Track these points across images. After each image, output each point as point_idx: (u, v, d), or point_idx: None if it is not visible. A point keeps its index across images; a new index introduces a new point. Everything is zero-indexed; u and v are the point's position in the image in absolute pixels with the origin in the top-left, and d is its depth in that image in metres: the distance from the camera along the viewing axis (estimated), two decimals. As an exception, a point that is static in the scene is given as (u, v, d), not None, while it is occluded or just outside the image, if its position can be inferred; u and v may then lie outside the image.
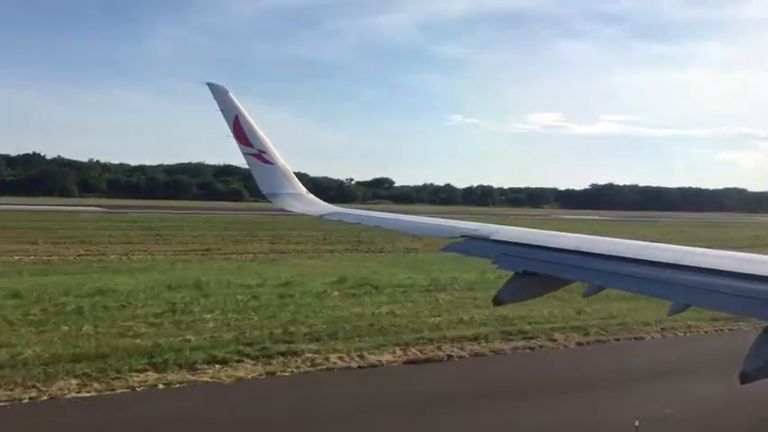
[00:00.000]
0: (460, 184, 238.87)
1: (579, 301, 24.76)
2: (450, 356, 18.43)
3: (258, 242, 51.78)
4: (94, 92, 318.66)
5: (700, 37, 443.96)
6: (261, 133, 11.55)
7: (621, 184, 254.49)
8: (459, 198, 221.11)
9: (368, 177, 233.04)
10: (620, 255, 5.87)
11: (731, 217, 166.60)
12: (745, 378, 4.11)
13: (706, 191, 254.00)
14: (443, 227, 8.75)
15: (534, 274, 6.30)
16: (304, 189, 12.31)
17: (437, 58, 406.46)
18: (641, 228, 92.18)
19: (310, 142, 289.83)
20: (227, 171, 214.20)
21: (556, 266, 6.24)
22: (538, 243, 6.87)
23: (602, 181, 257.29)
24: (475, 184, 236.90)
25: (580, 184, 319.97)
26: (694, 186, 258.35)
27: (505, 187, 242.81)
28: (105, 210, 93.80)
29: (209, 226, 67.02)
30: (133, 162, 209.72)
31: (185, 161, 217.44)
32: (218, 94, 11.25)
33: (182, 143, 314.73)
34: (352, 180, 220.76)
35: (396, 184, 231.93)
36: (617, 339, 21.39)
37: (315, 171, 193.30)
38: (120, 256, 40.25)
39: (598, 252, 6.09)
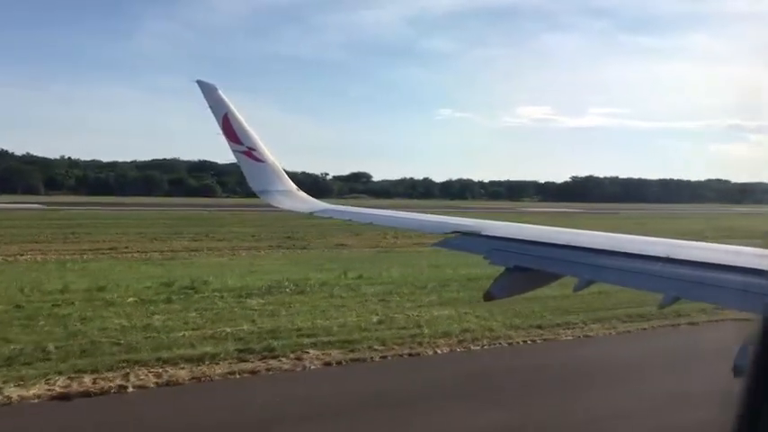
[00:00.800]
0: (443, 178, 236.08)
1: (410, 305, 23.85)
2: (123, 387, 14.48)
3: (178, 239, 48.93)
4: (78, 88, 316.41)
5: (687, 30, 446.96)
6: (251, 131, 11.55)
7: (602, 176, 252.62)
8: (438, 192, 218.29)
9: (346, 172, 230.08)
10: (611, 249, 5.88)
11: (706, 208, 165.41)
12: (738, 371, 3.93)
13: (688, 182, 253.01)
14: (435, 223, 8.82)
15: (525, 269, 6.30)
16: (294, 186, 12.29)
17: (426, 52, 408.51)
18: (597, 220, 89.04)
19: (297, 138, 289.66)
20: (201, 167, 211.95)
21: (546, 261, 6.24)
22: (530, 238, 6.87)
23: (584, 173, 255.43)
24: (454, 178, 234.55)
25: (561, 176, 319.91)
26: (675, 178, 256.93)
27: (486, 181, 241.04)
28: (44, 207, 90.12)
29: (136, 223, 63.67)
30: (111, 159, 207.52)
31: (161, 157, 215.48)
32: (208, 91, 11.22)
33: (166, 140, 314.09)
34: (327, 174, 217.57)
35: (373, 179, 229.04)
36: (386, 357, 17.61)
37: (301, 167, 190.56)
38: (5, 257, 37.28)
39: (589, 246, 6.08)
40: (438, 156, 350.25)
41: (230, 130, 11.40)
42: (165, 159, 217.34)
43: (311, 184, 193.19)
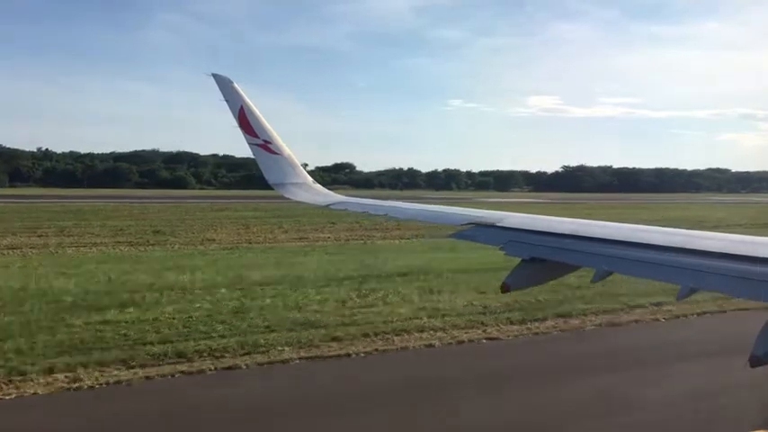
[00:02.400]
0: (438, 168, 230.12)
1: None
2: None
3: (12, 236, 42.49)
4: (84, 79, 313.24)
5: (698, 17, 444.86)
6: (266, 123, 11.36)
7: (594, 165, 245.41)
8: (422, 182, 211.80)
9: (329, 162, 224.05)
10: (627, 239, 5.79)
11: (690, 198, 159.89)
12: (755, 362, 4.04)
13: (683, 172, 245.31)
14: (450, 214, 8.72)
15: (542, 260, 6.16)
16: (310, 179, 12.10)
17: (434, 42, 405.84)
18: (567, 211, 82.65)
19: (307, 129, 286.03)
20: (178, 159, 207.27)
21: (563, 252, 6.10)
22: (545, 229, 6.73)
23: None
24: (440, 168, 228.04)
25: (551, 166, 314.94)
26: (672, 167, 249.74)
27: (475, 171, 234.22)
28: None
29: (31, 217, 57.72)
30: (92, 150, 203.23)
31: (141, 149, 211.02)
32: (223, 84, 11.06)
33: (168, 130, 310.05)
34: (305, 165, 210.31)
35: (357, 169, 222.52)
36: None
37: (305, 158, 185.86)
38: None
39: (606, 237, 6.01)
40: (445, 146, 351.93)
41: (246, 122, 11.24)
42: (144, 151, 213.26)
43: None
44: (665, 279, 5.11)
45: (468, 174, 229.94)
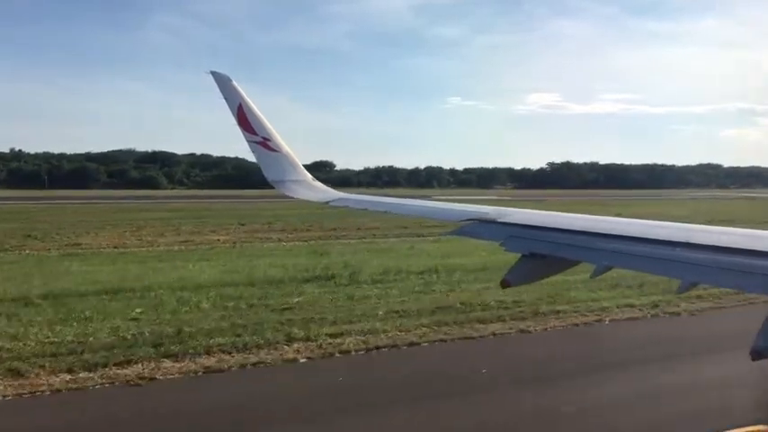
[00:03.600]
0: (415, 166, 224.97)
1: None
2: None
3: None
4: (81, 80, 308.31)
5: (697, 14, 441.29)
6: (265, 121, 11.32)
7: (580, 161, 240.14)
8: (403, 180, 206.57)
9: (309, 161, 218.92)
10: (627, 234, 5.76)
11: (678, 194, 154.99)
12: (756, 355, 4.05)
13: (673, 168, 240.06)
14: (450, 210, 8.62)
15: (542, 255, 6.13)
16: (309, 176, 12.04)
17: (433, 40, 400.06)
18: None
19: (306, 128, 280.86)
20: (152, 158, 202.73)
21: (563, 247, 6.07)
22: (545, 225, 6.70)
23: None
24: (422, 166, 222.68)
25: (536, 163, 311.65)
26: (659, 163, 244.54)
27: (460, 168, 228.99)
28: None
29: None
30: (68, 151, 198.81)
31: (117, 149, 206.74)
32: (222, 82, 11.03)
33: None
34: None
35: (336, 168, 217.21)
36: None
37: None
38: None
39: (605, 232, 5.99)
40: (441, 145, 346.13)
41: (245, 120, 11.11)
42: (120, 151, 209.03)
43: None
44: (666, 273, 5.04)
45: (452, 171, 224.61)
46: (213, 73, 11.06)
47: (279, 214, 60.68)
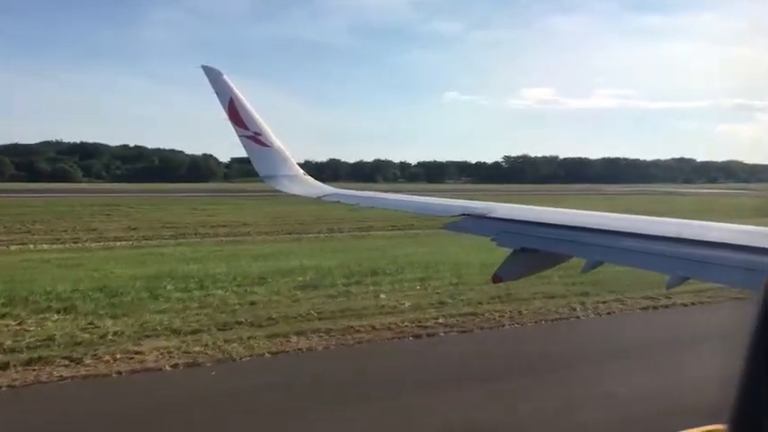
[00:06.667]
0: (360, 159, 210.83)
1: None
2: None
3: None
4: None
5: (694, 8, 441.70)
6: (256, 115, 11.27)
7: (539, 155, 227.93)
8: (345, 175, 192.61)
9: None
10: (619, 229, 5.69)
11: (623, 188, 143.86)
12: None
13: (636, 161, 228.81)
14: (442, 206, 8.64)
15: (533, 250, 6.10)
16: (301, 171, 12.02)
17: (430, 35, 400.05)
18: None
19: (299, 123, 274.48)
20: (78, 150, 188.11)
21: (554, 242, 6.05)
22: (537, 220, 6.64)
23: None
24: (370, 159, 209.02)
25: (492, 156, 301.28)
26: (622, 157, 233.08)
27: (414, 162, 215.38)
28: None
29: None
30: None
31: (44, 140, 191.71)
32: (213, 76, 11.03)
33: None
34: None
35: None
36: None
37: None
38: None
39: (597, 227, 5.90)
40: (446, 138, 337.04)
41: (236, 115, 11.05)
42: (43, 142, 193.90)
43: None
44: (656, 268, 5.02)
45: (402, 165, 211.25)
46: (204, 67, 10.93)
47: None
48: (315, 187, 11.65)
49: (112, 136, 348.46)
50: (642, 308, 19.63)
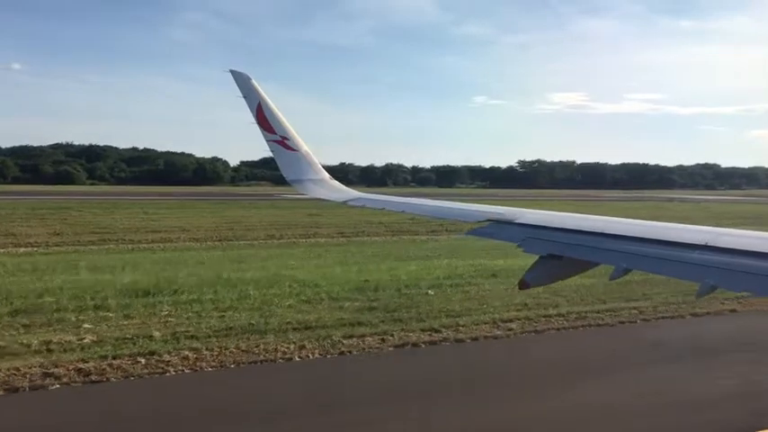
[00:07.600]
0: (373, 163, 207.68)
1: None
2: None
3: None
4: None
5: (728, 12, 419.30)
6: (283, 120, 11.25)
7: (556, 160, 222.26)
8: (354, 179, 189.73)
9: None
10: (646, 236, 5.57)
11: (623, 194, 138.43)
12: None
13: (657, 167, 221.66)
14: (468, 211, 8.43)
15: (560, 257, 6.04)
16: (327, 175, 11.93)
17: (459, 38, 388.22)
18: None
19: (324, 126, 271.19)
20: (87, 152, 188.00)
21: (581, 249, 5.95)
22: (563, 226, 6.54)
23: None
24: (379, 164, 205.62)
25: (507, 160, 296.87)
26: (642, 162, 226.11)
27: (429, 166, 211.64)
28: None
29: None
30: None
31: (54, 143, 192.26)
32: (241, 81, 10.97)
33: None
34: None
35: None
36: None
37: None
38: None
39: (624, 234, 5.82)
40: (474, 142, 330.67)
41: (264, 119, 11.03)
42: (59, 144, 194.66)
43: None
44: (685, 277, 4.87)
45: (414, 169, 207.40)
46: (233, 72, 10.98)
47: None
48: (341, 192, 11.58)
49: (124, 138, 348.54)
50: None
